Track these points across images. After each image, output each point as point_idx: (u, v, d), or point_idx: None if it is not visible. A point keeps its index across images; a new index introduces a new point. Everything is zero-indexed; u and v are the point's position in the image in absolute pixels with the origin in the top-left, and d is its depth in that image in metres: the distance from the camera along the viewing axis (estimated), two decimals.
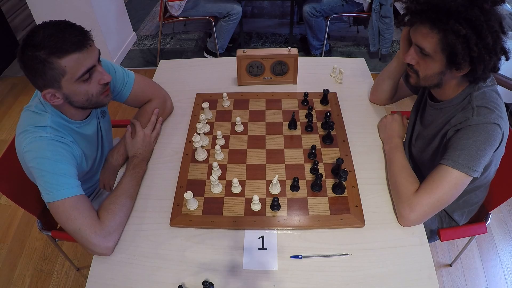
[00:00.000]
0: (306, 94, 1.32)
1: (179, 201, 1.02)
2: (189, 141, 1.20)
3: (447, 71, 0.91)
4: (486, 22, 0.81)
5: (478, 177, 0.92)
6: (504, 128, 0.92)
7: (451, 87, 0.98)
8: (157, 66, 1.60)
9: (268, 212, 1.00)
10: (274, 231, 0.97)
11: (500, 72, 0.94)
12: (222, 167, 1.11)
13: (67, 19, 0.91)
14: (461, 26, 0.81)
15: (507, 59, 0.88)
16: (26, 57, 0.86)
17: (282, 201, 1.02)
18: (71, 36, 0.87)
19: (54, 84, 0.89)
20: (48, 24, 0.88)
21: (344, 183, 1.03)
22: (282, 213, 0.99)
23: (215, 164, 1.06)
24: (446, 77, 0.93)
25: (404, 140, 1.17)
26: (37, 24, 0.88)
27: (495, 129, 0.89)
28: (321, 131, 1.22)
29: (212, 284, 0.85)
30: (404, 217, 0.94)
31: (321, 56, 2.99)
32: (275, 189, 1.03)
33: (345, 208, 0.99)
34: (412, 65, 0.97)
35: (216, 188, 1.04)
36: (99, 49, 0.95)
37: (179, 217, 0.99)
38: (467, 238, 1.45)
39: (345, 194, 1.03)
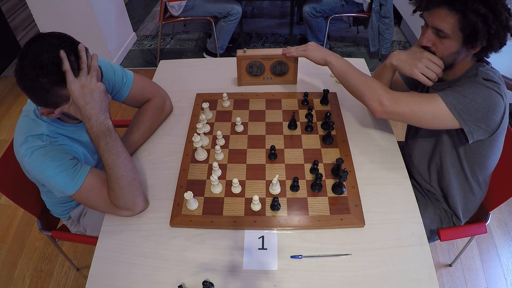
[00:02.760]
0: (306, 94, 1.32)
1: (179, 201, 1.02)
2: (189, 141, 1.20)
3: (462, 50, 0.94)
4: (499, 0, 0.86)
5: (469, 140, 0.92)
6: (506, 104, 0.93)
7: (461, 66, 1.00)
8: (157, 66, 1.60)
9: (268, 212, 1.00)
10: (274, 231, 0.97)
11: (500, 72, 0.95)
12: (222, 167, 1.11)
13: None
14: (480, 5, 0.85)
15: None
16: (28, 79, 0.82)
17: (282, 201, 1.02)
18: (75, 64, 0.85)
19: (54, 106, 0.89)
20: (53, 44, 0.83)
21: (344, 183, 1.03)
22: (282, 213, 0.99)
23: (215, 164, 1.06)
24: (460, 56, 0.96)
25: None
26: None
27: (497, 98, 0.90)
28: (321, 131, 1.22)
29: (212, 284, 0.85)
30: (382, 105, 0.99)
31: None
32: (275, 189, 1.03)
33: (345, 208, 0.99)
34: (428, 48, 0.99)
35: (216, 188, 1.04)
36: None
37: (179, 217, 0.99)
38: (467, 238, 1.45)
39: (345, 194, 1.03)
